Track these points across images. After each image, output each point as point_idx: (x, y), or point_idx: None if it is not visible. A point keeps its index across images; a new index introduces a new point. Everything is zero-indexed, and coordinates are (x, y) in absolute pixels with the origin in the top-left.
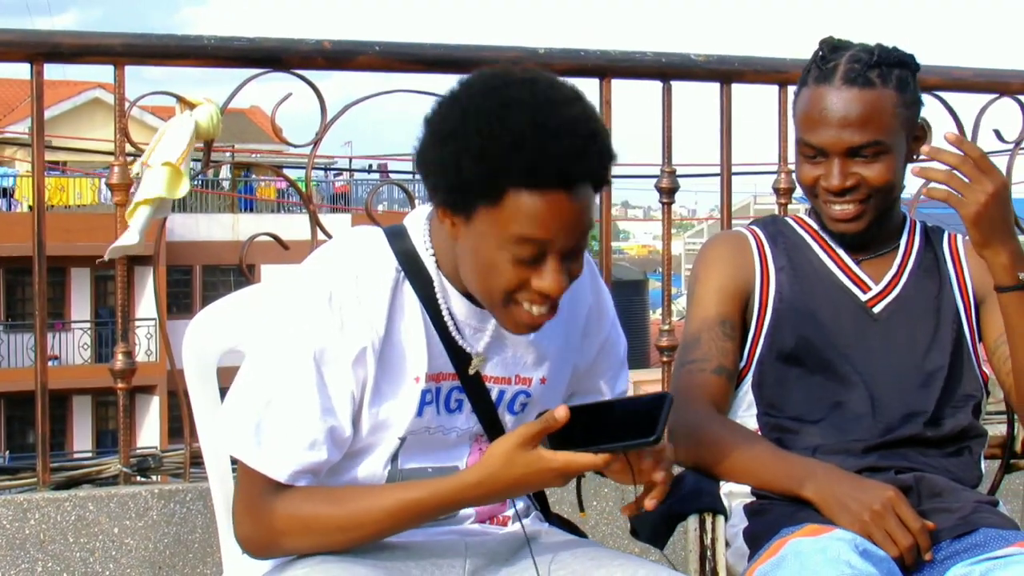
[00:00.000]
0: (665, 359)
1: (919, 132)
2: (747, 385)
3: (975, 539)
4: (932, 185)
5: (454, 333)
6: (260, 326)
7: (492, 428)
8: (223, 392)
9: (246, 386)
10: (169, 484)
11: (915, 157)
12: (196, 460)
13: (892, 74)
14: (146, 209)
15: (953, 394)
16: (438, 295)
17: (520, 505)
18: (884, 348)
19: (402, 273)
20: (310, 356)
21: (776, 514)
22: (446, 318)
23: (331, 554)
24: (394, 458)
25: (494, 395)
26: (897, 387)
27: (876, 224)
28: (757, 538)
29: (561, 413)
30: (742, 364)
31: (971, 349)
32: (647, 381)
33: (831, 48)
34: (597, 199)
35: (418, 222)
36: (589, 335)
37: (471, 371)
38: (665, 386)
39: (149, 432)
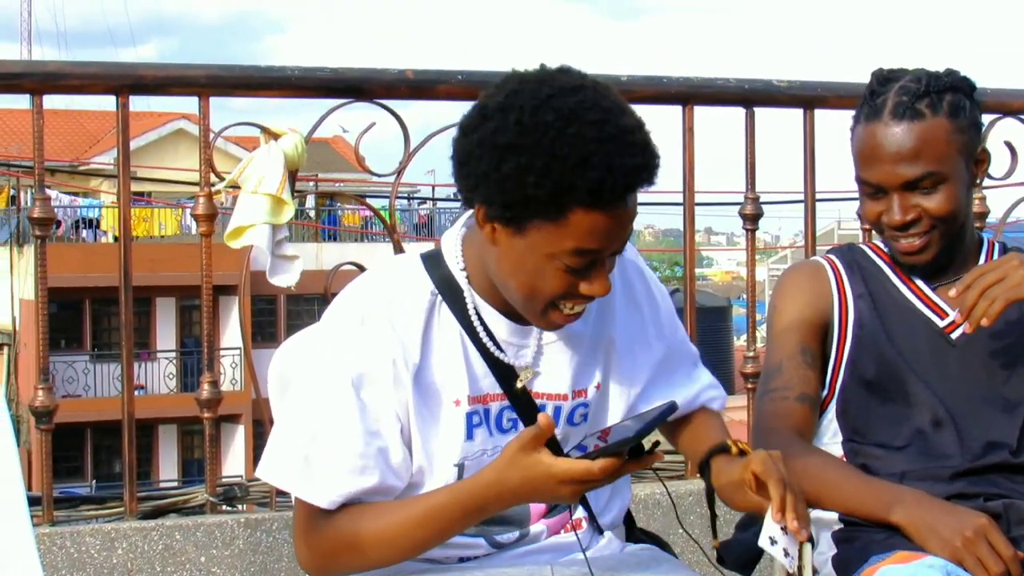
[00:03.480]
0: (750, 385)
1: (981, 155)
2: (831, 413)
3: None
4: (991, 313)
5: (494, 350)
6: (300, 355)
7: (550, 443)
8: None
9: (289, 417)
10: (255, 513)
11: (978, 182)
12: (282, 489)
13: (943, 101)
14: (264, 228)
15: None
16: (471, 314)
17: (578, 516)
18: (964, 375)
19: (438, 296)
20: (348, 381)
21: (865, 541)
22: (483, 336)
23: None
24: None
25: (550, 411)
26: (979, 414)
27: (946, 251)
28: (846, 565)
29: (543, 419)
30: (824, 392)
31: None
32: (732, 408)
33: (880, 81)
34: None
35: (452, 242)
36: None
37: (519, 384)
38: (750, 415)
39: (235, 461)
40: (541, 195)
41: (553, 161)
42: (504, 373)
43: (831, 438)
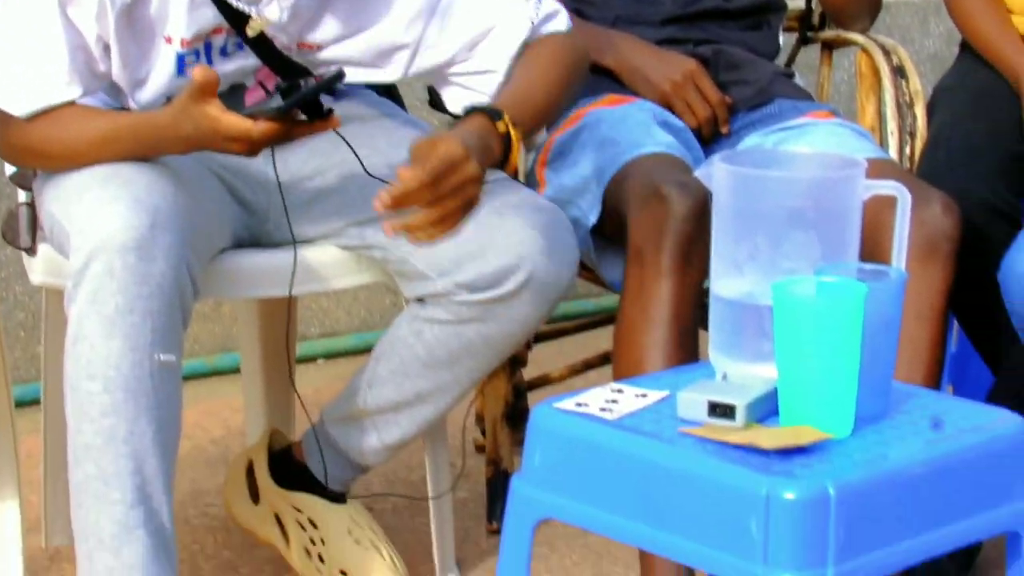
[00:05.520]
0: None
1: None
2: None
3: (770, 110)
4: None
5: None
6: None
7: (278, 64)
8: None
9: None
10: None
11: None
12: None
13: None
14: None
15: None
16: None
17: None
18: None
19: None
20: (54, 2)
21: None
22: None
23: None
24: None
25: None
26: None
27: None
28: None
29: (198, 72)
30: None
31: None
32: None
33: None
34: None
35: None
36: None
37: (250, 33)
38: None
39: None
40: None
41: None
42: (236, 16)
43: None
